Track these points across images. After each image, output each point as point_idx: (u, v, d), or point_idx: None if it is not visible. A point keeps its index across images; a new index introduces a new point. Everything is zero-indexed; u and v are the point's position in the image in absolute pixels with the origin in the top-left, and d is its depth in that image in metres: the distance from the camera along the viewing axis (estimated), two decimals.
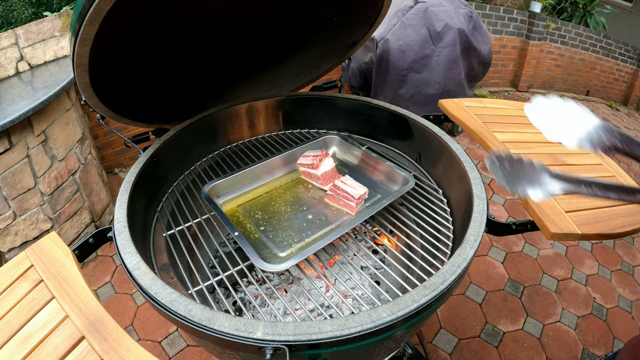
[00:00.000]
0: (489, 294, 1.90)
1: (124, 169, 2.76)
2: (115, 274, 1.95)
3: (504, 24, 4.17)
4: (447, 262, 0.68)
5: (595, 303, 1.91)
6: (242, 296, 1.03)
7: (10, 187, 1.56)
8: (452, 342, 1.66)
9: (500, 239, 2.26)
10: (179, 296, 0.60)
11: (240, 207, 1.04)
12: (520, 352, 1.63)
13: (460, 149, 0.99)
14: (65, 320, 0.59)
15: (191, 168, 1.16)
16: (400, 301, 0.59)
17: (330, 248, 1.00)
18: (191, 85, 1.18)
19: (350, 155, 1.23)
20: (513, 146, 1.11)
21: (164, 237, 0.91)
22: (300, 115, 1.37)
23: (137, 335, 1.65)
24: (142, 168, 0.92)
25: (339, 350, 0.57)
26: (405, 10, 2.68)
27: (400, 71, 2.71)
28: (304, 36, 1.23)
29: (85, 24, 0.66)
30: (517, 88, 4.68)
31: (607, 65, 5.07)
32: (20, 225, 1.66)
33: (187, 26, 0.95)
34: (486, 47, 2.94)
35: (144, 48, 0.91)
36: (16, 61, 1.97)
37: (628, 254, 2.30)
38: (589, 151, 1.21)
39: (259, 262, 0.78)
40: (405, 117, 1.17)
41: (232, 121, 1.27)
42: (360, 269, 0.89)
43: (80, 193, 1.95)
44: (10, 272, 0.68)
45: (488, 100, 1.39)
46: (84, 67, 0.75)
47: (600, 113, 4.62)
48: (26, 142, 1.59)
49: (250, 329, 0.55)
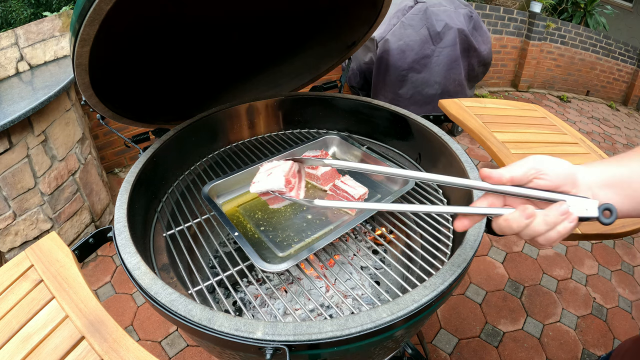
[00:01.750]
0: (489, 294, 1.90)
1: (124, 169, 2.76)
2: (115, 274, 1.95)
3: (504, 24, 4.17)
4: (447, 262, 0.68)
5: (595, 303, 1.91)
6: (242, 296, 1.03)
7: (10, 187, 1.56)
8: (452, 342, 1.66)
9: (500, 239, 2.26)
10: (179, 296, 0.60)
11: (241, 207, 1.04)
12: (520, 352, 1.63)
13: (460, 149, 0.99)
14: (65, 320, 0.59)
15: (191, 168, 1.16)
16: (400, 301, 0.59)
17: (330, 248, 1.00)
18: (191, 86, 1.18)
19: (350, 155, 1.23)
20: (513, 146, 1.11)
21: (164, 237, 0.91)
22: (300, 115, 1.37)
23: (137, 335, 1.65)
24: (142, 168, 0.92)
25: (339, 350, 0.57)
26: (405, 10, 2.68)
27: (400, 71, 2.71)
28: (304, 36, 1.23)
29: (85, 24, 0.66)
30: (517, 88, 4.68)
31: (607, 65, 5.07)
32: (20, 225, 1.66)
33: (187, 26, 0.95)
34: (486, 47, 2.94)
35: (144, 48, 0.91)
36: (16, 61, 1.97)
37: (628, 254, 2.30)
38: (588, 152, 1.20)
39: (259, 262, 0.78)
40: (405, 117, 1.17)
41: (232, 121, 1.27)
42: (360, 269, 0.89)
43: (80, 193, 1.95)
44: (10, 272, 0.68)
45: (488, 100, 1.39)
46: (84, 67, 0.75)
47: (600, 113, 4.62)
48: (26, 142, 1.59)
49: (250, 329, 0.55)
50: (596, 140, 3.81)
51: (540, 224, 0.46)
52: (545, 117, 1.33)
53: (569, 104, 4.71)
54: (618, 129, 4.26)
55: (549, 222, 0.46)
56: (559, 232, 0.46)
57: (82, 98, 0.86)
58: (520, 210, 0.47)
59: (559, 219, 0.45)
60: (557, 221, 0.45)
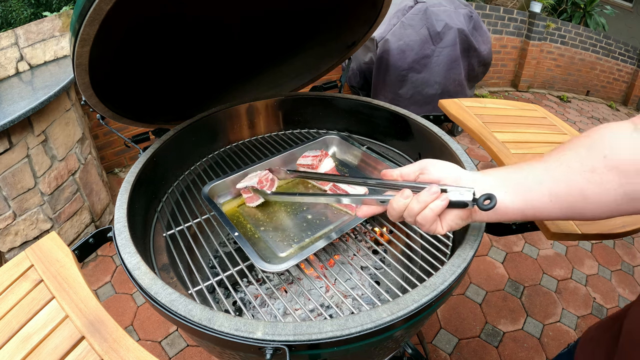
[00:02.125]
0: (489, 294, 1.90)
1: (124, 169, 2.76)
2: (115, 274, 1.95)
3: (504, 24, 4.17)
4: (447, 262, 0.68)
5: (595, 303, 1.91)
6: (242, 296, 1.03)
7: (10, 187, 1.56)
8: (452, 342, 1.66)
9: (500, 239, 2.26)
10: (179, 296, 0.60)
11: (241, 207, 1.04)
12: (520, 352, 1.63)
13: (460, 149, 0.99)
14: (65, 320, 0.59)
15: (191, 168, 1.16)
16: (400, 301, 0.59)
17: (330, 248, 1.00)
18: (191, 86, 1.18)
19: (350, 155, 1.23)
20: (513, 146, 1.11)
21: (164, 237, 0.91)
22: (300, 115, 1.37)
23: (137, 335, 1.65)
24: (142, 168, 0.92)
25: (339, 350, 0.57)
26: (405, 10, 2.68)
27: (400, 71, 2.71)
28: (304, 36, 1.23)
29: (85, 24, 0.66)
30: (517, 88, 4.68)
31: (607, 65, 5.08)
32: (20, 225, 1.66)
33: (187, 26, 0.95)
34: (486, 47, 2.94)
35: (144, 48, 0.91)
36: (16, 61, 1.97)
37: (628, 254, 2.30)
38: None
39: (259, 263, 0.78)
40: (405, 117, 1.17)
41: (232, 121, 1.27)
42: (360, 269, 0.89)
43: (80, 193, 1.95)
44: (10, 272, 0.68)
45: (488, 100, 1.39)
46: (84, 67, 0.75)
47: (600, 113, 4.62)
48: (26, 142, 1.59)
49: (250, 329, 0.55)
50: None
51: (415, 203, 0.55)
52: (545, 117, 1.33)
53: (569, 104, 4.71)
54: None
55: (422, 201, 0.54)
56: (431, 209, 0.54)
57: (82, 98, 0.86)
58: (399, 193, 0.57)
59: (429, 197, 0.54)
60: (428, 199, 0.54)
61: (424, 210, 0.54)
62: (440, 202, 0.54)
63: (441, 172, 0.58)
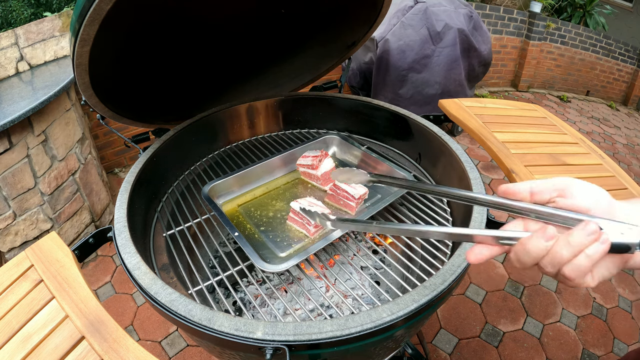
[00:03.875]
0: (489, 294, 1.90)
1: (124, 169, 2.76)
2: (115, 274, 1.95)
3: (504, 24, 4.17)
4: (447, 262, 0.68)
5: (595, 303, 1.91)
6: (242, 296, 1.03)
7: (10, 187, 1.56)
8: (452, 342, 1.66)
9: None
10: (179, 296, 0.60)
11: (241, 207, 1.04)
12: (520, 352, 1.63)
13: (460, 149, 0.99)
14: (65, 320, 0.59)
15: (191, 168, 1.16)
16: (400, 301, 0.59)
17: (330, 248, 1.00)
18: (191, 86, 1.18)
19: (350, 155, 1.23)
20: (513, 146, 1.11)
21: (164, 237, 0.91)
22: (300, 115, 1.37)
23: (137, 335, 1.65)
24: (142, 168, 0.92)
25: (339, 350, 0.57)
26: (405, 10, 2.68)
27: (400, 71, 2.71)
28: (304, 36, 1.23)
29: (85, 24, 0.66)
30: (517, 88, 4.68)
31: (607, 65, 5.07)
32: (20, 225, 1.66)
33: (187, 26, 0.95)
34: (486, 47, 2.94)
35: (144, 48, 0.91)
36: (16, 61, 1.97)
37: None
38: (588, 152, 1.20)
39: (259, 263, 0.78)
40: (405, 117, 1.17)
41: (232, 121, 1.27)
42: (360, 269, 0.89)
43: (80, 193, 1.95)
44: (10, 272, 0.68)
45: (488, 100, 1.39)
46: (84, 67, 0.75)
47: (600, 113, 4.62)
48: (26, 142, 1.59)
49: (250, 329, 0.55)
50: (596, 140, 3.81)
51: (563, 247, 0.37)
52: (545, 117, 1.33)
53: (569, 104, 4.71)
54: (618, 129, 4.26)
55: (574, 244, 0.37)
56: (588, 256, 0.36)
57: (82, 98, 0.86)
58: (540, 232, 0.38)
59: (586, 239, 0.36)
60: (584, 242, 0.36)
61: (577, 258, 0.37)
62: (601, 245, 0.36)
63: (589, 199, 0.41)
